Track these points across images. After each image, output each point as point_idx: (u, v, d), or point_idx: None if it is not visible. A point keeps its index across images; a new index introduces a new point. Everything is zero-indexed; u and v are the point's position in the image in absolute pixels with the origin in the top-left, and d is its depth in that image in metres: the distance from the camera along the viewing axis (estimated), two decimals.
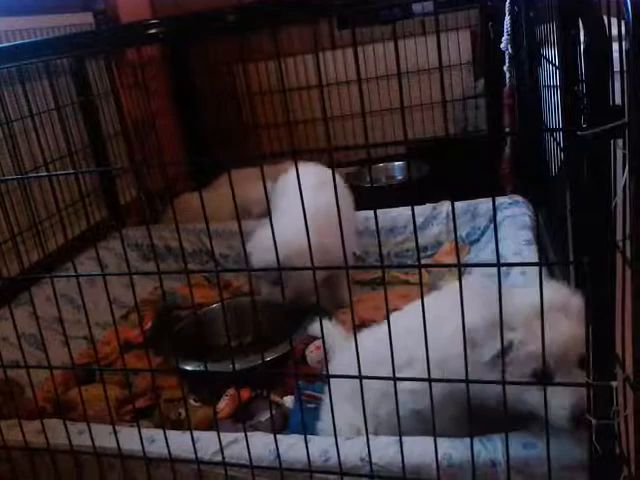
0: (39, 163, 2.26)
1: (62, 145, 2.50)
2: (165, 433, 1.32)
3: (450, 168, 1.19)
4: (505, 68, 2.42)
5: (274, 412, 1.60)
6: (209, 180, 3.20)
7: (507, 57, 2.39)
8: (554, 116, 1.67)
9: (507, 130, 2.53)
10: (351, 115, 3.58)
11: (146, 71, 3.25)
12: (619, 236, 0.91)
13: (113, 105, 2.98)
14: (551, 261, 1.89)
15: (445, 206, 2.56)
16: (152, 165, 3.23)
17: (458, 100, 3.55)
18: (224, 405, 1.73)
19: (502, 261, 1.00)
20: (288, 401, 1.75)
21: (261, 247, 1.51)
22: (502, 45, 2.36)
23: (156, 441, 1.38)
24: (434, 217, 2.56)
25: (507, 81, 2.43)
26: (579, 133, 0.88)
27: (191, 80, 3.72)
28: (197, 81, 3.75)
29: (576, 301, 1.15)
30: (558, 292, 1.19)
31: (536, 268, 1.01)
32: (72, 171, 2.48)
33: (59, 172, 2.19)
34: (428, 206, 2.58)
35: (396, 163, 3.57)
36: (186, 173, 3.50)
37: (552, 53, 1.62)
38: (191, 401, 1.75)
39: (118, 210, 2.87)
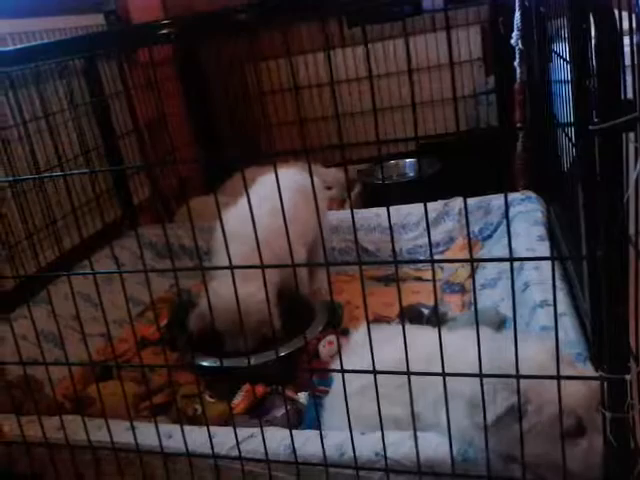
0: (54, 163, 2.29)
1: (75, 145, 2.53)
2: (182, 429, 1.34)
3: (462, 164, 1.20)
4: (516, 64, 2.42)
5: (289, 408, 1.62)
6: (222, 181, 3.23)
7: (518, 53, 2.38)
8: (565, 111, 1.66)
9: (518, 126, 2.53)
10: (361, 112, 3.59)
11: (158, 71, 3.27)
12: (632, 230, 0.92)
13: (125, 105, 3.00)
14: (564, 256, 1.89)
15: (457, 202, 2.56)
16: (166, 164, 3.25)
17: (469, 96, 3.55)
18: (239, 401, 1.75)
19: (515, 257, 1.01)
20: (302, 397, 1.77)
21: (222, 307, 1.54)
22: (512, 41, 2.37)
23: (173, 437, 1.40)
24: (446, 213, 2.57)
25: (518, 77, 2.43)
26: (591, 128, 0.88)
27: (203, 80, 3.74)
28: (209, 81, 3.77)
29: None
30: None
31: (550, 264, 1.01)
32: (86, 170, 2.52)
33: (74, 172, 2.21)
34: (440, 202, 2.58)
35: (407, 160, 3.57)
36: (199, 173, 3.53)
37: (563, 48, 1.62)
38: (207, 397, 1.76)
39: (132, 209, 2.89)
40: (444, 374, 1.08)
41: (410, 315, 2.05)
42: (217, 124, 3.78)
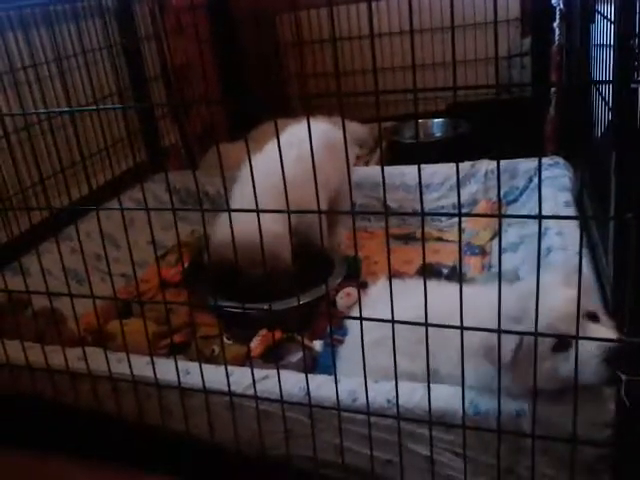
0: (82, 102, 2.30)
1: (104, 85, 2.54)
2: (200, 366, 1.37)
3: (492, 126, 1.18)
4: (555, 25, 2.35)
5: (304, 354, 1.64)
6: (248, 130, 3.22)
7: (558, 13, 2.32)
8: (604, 75, 1.63)
9: (553, 90, 2.48)
10: (392, 68, 3.54)
11: (189, 16, 3.25)
12: None
13: (155, 49, 2.99)
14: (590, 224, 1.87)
15: (484, 164, 2.53)
16: (194, 103, 3.24)
17: (503, 58, 3.47)
18: (256, 345, 1.78)
19: (542, 222, 1.00)
20: (317, 345, 1.80)
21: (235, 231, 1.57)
22: (554, 0, 2.30)
23: (191, 373, 1.44)
24: (472, 175, 2.54)
25: (556, 39, 2.37)
26: (632, 85, 0.87)
27: (234, 27, 3.70)
28: (240, 29, 3.73)
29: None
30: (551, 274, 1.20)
31: (573, 230, 1.01)
32: (119, 106, 2.54)
33: (108, 106, 2.23)
34: (467, 164, 2.55)
35: (435, 120, 3.52)
36: (224, 121, 3.52)
37: (607, 9, 1.57)
38: (224, 339, 1.80)
39: (159, 152, 2.90)
40: (462, 327, 1.09)
41: (428, 274, 2.05)
42: (247, 73, 3.74)
